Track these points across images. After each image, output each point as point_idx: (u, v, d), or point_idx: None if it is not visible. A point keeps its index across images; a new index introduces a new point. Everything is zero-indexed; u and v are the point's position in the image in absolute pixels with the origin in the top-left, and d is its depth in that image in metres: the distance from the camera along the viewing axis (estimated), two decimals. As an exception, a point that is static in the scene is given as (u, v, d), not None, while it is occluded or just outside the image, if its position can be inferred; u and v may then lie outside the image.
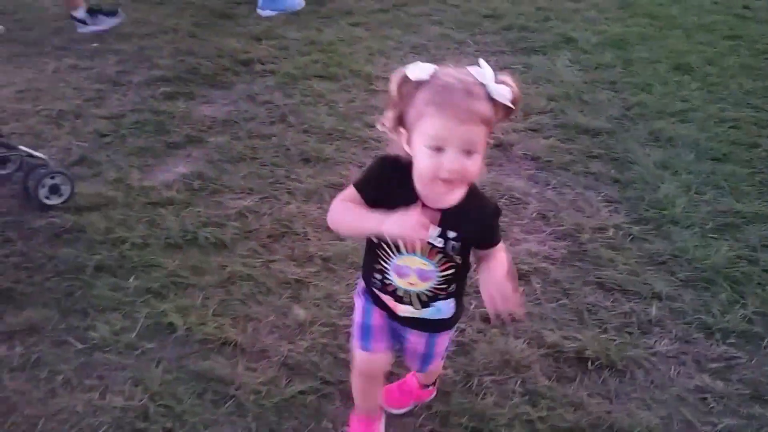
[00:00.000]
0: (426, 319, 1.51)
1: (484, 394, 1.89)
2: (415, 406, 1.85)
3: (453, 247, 1.37)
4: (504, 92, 1.23)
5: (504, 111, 1.26)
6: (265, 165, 2.97)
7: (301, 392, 1.88)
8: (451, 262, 1.40)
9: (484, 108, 1.22)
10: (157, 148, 3.08)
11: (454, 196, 1.35)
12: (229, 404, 1.85)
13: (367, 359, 1.58)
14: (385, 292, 1.49)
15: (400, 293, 1.47)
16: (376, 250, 1.43)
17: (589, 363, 1.98)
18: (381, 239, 1.40)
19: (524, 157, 3.13)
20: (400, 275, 1.44)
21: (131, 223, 2.56)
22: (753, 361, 2.00)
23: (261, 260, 2.40)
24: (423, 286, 1.44)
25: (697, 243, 2.48)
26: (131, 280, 2.28)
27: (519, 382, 1.92)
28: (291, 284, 2.30)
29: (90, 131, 3.21)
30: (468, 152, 1.23)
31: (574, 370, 1.97)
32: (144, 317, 2.13)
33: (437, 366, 1.76)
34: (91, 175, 2.87)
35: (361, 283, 1.58)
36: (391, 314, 1.53)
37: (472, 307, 2.18)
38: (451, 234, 1.36)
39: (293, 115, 3.39)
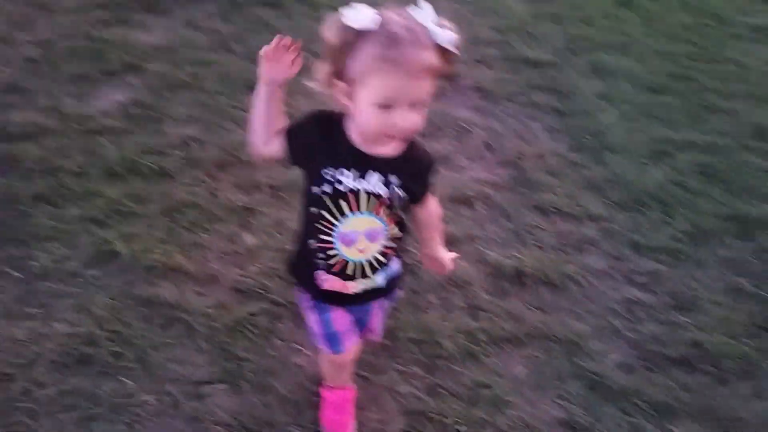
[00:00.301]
0: (381, 288, 1.42)
1: (430, 309, 1.97)
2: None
3: (399, 198, 1.29)
4: (449, 37, 1.14)
5: (447, 57, 1.16)
6: (207, 93, 2.90)
7: (252, 314, 1.91)
8: (396, 218, 1.33)
9: (433, 58, 1.13)
10: (93, 75, 2.95)
11: (395, 145, 1.28)
12: (178, 327, 1.86)
13: (340, 357, 1.50)
14: (332, 273, 1.36)
15: (348, 270, 1.35)
16: (315, 224, 1.31)
17: (527, 279, 2.08)
18: (320, 208, 1.29)
19: (471, 87, 3.16)
20: (348, 243, 1.32)
21: (68, 151, 2.48)
22: (677, 275, 2.14)
23: (207, 188, 2.38)
24: (373, 248, 1.34)
25: (632, 168, 2.60)
26: (71, 209, 2.22)
27: (462, 297, 2.01)
28: (239, 212, 2.29)
29: (19, 57, 3.04)
30: (416, 106, 1.16)
31: (513, 285, 2.07)
32: (86, 245, 2.09)
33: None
34: (23, 104, 2.74)
35: (303, 296, 1.47)
36: (347, 300, 1.41)
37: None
38: (394, 180, 1.27)
39: (236, 42, 3.30)
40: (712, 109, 3.03)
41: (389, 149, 1.27)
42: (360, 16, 1.12)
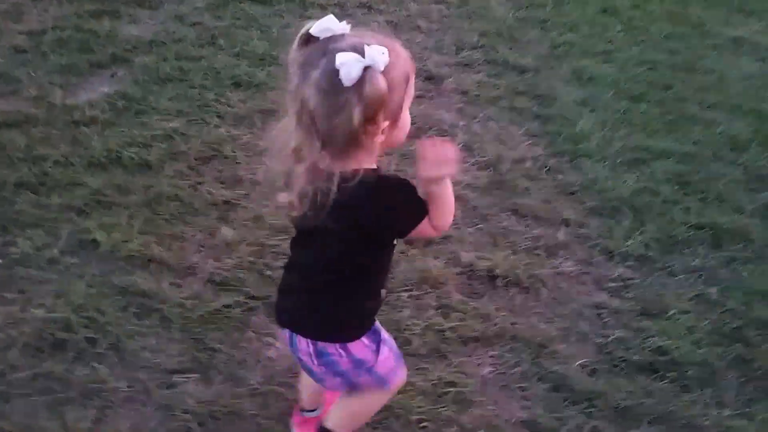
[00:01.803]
0: None
1: (402, 307, 2.01)
2: None
3: None
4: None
5: None
6: (193, 87, 2.93)
7: (227, 306, 1.95)
8: None
9: None
10: (81, 66, 2.98)
11: None
12: (153, 317, 1.89)
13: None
14: None
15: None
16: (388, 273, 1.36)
17: (499, 280, 2.12)
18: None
19: (454, 90, 3.21)
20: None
21: (53, 141, 2.50)
22: (646, 282, 2.19)
23: (188, 181, 2.41)
24: None
25: (607, 175, 2.65)
26: (53, 197, 2.25)
27: (434, 297, 2.05)
28: (219, 205, 2.33)
29: (7, 46, 3.06)
30: None
31: (485, 286, 2.11)
32: (67, 234, 2.13)
33: None
34: (10, 92, 2.77)
35: (369, 338, 1.36)
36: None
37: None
38: None
39: (224, 38, 3.33)
40: (690, 118, 3.08)
41: None
42: (383, 56, 1.06)
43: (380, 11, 3.90)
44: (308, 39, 1.11)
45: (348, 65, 1.03)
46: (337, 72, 1.03)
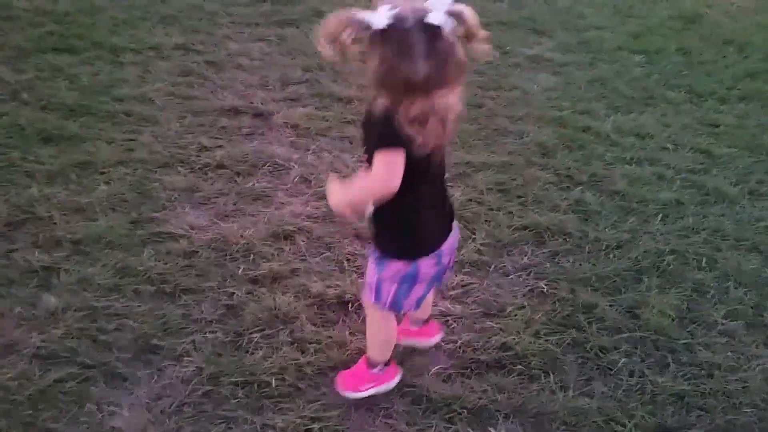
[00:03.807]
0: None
1: (254, 349, 1.95)
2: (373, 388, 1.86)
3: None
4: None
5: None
6: (-5, 148, 2.66)
7: (59, 380, 1.77)
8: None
9: None
10: None
11: None
12: (-29, 408, 1.67)
13: None
14: None
15: None
16: None
17: (350, 305, 2.14)
18: None
19: (284, 125, 3.22)
20: None
21: None
22: (483, 284, 2.33)
23: (0, 250, 2.17)
24: None
25: (438, 191, 2.79)
26: None
27: (288, 332, 2.02)
28: (38, 272, 2.12)
29: None
30: None
31: (337, 313, 2.12)
32: None
33: (365, 299, 1.78)
34: None
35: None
36: None
37: (240, 271, 2.23)
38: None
39: (27, 92, 3.06)
40: (502, 132, 3.36)
41: None
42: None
43: (198, 52, 3.83)
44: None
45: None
46: None
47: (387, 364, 1.86)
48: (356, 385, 1.84)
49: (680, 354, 2.11)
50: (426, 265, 1.62)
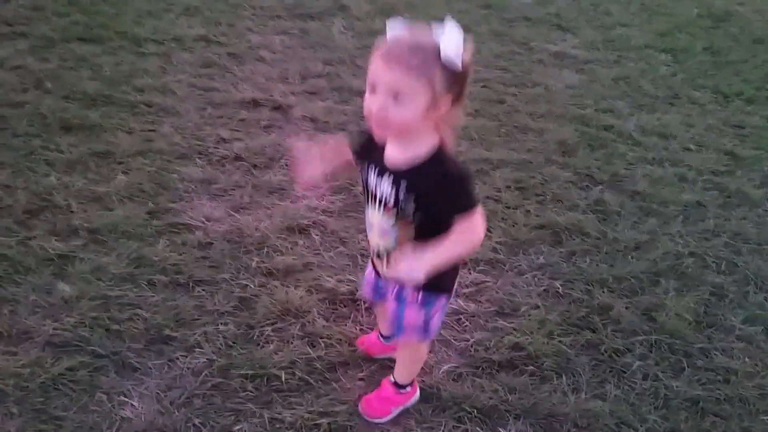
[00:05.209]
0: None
1: (265, 342, 1.95)
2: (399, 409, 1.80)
3: (407, 203, 1.38)
4: (449, 55, 1.26)
5: (447, 73, 1.28)
6: (17, 135, 2.69)
7: (70, 369, 1.79)
8: (409, 223, 1.41)
9: (421, 60, 1.25)
10: None
11: (401, 151, 1.38)
12: (-16, 393, 1.69)
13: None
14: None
15: (374, 246, 1.56)
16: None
17: (361, 302, 2.13)
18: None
19: (303, 118, 3.21)
20: (368, 227, 1.55)
21: None
22: (498, 283, 2.31)
23: (17, 238, 2.20)
24: (383, 245, 1.52)
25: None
26: None
27: (299, 326, 2.02)
28: (54, 260, 2.14)
29: None
30: (395, 98, 1.27)
31: (349, 309, 2.11)
32: None
33: (409, 341, 1.69)
34: None
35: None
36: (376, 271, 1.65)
37: (254, 264, 2.23)
38: (403, 183, 1.37)
39: (51, 81, 3.10)
40: (522, 129, 3.33)
41: (404, 157, 1.38)
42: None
43: (221, 44, 3.84)
44: None
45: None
46: None
47: None
48: (388, 408, 1.79)
49: (696, 358, 2.06)
50: None
